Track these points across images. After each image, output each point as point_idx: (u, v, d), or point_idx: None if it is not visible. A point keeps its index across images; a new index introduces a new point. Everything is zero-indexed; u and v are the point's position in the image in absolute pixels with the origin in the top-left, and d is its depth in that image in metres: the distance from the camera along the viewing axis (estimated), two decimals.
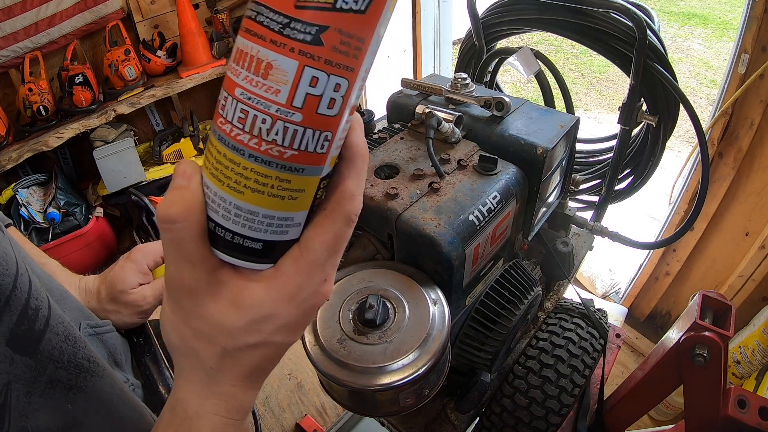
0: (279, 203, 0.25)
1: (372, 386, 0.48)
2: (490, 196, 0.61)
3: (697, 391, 0.78)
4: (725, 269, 1.52)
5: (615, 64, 0.93)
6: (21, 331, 0.33)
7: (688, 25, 4.79)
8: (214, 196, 0.26)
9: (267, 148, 0.24)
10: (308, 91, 0.23)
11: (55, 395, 0.35)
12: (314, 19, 0.22)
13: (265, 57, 0.23)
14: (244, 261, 0.27)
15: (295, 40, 0.22)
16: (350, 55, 0.23)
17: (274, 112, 0.23)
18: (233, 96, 0.24)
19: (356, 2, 0.22)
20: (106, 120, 2.07)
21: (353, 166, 0.27)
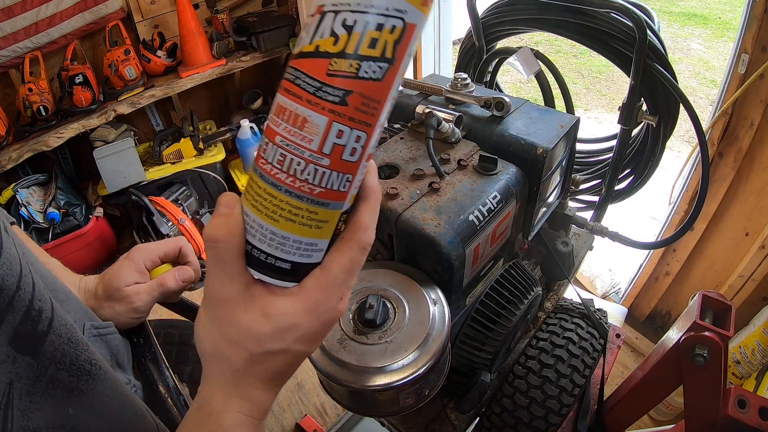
0: (307, 231, 0.31)
1: (372, 386, 0.48)
2: (490, 196, 0.61)
3: (697, 391, 0.78)
4: (725, 269, 1.52)
5: (615, 64, 0.93)
6: (24, 331, 0.34)
7: (688, 25, 4.79)
8: (253, 222, 0.31)
9: (300, 185, 0.30)
10: (335, 141, 0.29)
11: (56, 396, 0.36)
12: (341, 85, 0.28)
13: (302, 113, 0.29)
14: (273, 278, 0.32)
15: (326, 100, 0.28)
16: (369, 114, 0.29)
17: (307, 156, 0.29)
18: (274, 142, 0.30)
19: (374, 72, 0.28)
20: (106, 120, 2.07)
21: (368, 203, 0.33)
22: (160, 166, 2.31)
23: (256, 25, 2.35)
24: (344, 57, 0.28)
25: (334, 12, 0.28)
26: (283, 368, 0.34)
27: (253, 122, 2.46)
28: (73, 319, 0.49)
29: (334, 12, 0.28)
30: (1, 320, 0.32)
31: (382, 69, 0.29)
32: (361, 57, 0.28)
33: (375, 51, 0.28)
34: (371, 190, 0.33)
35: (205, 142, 2.40)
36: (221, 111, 2.83)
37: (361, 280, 0.58)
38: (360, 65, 0.28)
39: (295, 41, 2.45)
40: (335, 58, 0.28)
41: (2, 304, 0.33)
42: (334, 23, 0.28)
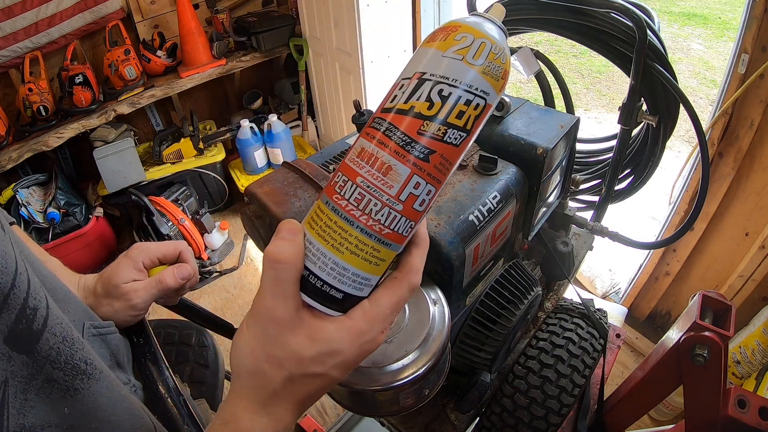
0: (366, 266, 0.34)
1: (372, 386, 0.48)
2: (490, 196, 0.61)
3: (697, 391, 0.78)
4: (725, 269, 1.51)
5: (615, 64, 0.93)
6: (19, 329, 0.33)
7: (688, 25, 4.79)
8: (316, 251, 0.34)
9: (372, 224, 0.33)
10: (412, 191, 0.33)
11: (52, 395, 0.36)
12: (428, 144, 0.32)
13: (388, 161, 0.32)
14: (324, 306, 0.34)
15: (412, 155, 0.32)
16: (442, 172, 0.33)
17: (385, 200, 0.32)
18: (354, 182, 0.33)
19: (455, 139, 0.33)
20: (106, 120, 2.07)
21: (420, 249, 0.36)
22: (160, 166, 2.31)
23: (256, 25, 2.35)
24: (435, 121, 0.32)
25: (431, 81, 0.33)
26: (315, 392, 0.35)
27: (253, 122, 2.47)
28: (72, 318, 0.49)
29: (431, 81, 0.33)
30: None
31: (462, 137, 0.33)
32: (449, 124, 0.33)
33: (460, 121, 0.33)
34: (423, 237, 0.37)
35: (205, 142, 2.40)
36: (221, 111, 2.83)
37: None
38: (447, 131, 0.33)
39: (295, 41, 2.46)
40: (428, 121, 0.32)
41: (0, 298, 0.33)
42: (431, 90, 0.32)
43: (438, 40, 0.34)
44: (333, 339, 0.33)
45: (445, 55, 0.33)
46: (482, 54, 0.33)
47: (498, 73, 0.34)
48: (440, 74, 0.32)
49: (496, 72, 0.33)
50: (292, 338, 0.33)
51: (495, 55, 0.33)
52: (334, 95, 2.51)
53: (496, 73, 0.33)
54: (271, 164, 2.57)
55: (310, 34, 2.42)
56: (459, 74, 0.32)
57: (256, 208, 0.70)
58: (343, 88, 2.40)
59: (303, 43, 2.45)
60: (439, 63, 0.33)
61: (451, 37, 0.33)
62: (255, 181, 0.71)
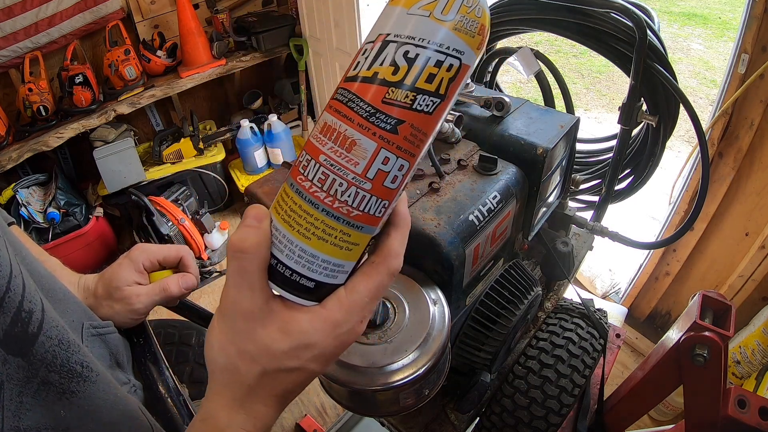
0: (337, 252, 0.31)
1: (372, 386, 0.48)
2: (490, 196, 0.61)
3: (697, 391, 0.78)
4: (725, 269, 1.51)
5: (615, 64, 0.93)
6: (14, 333, 0.33)
7: (688, 25, 4.79)
8: (282, 237, 0.31)
9: (339, 206, 0.30)
10: (380, 167, 0.29)
11: (48, 398, 0.36)
12: (395, 114, 0.29)
13: (351, 135, 0.29)
14: (294, 296, 0.32)
15: (378, 127, 0.29)
16: (415, 144, 0.30)
17: (351, 179, 0.29)
18: (317, 160, 0.30)
19: (427, 106, 0.29)
20: (106, 120, 2.07)
21: (400, 230, 0.33)
22: (160, 166, 2.31)
23: (256, 25, 2.35)
24: (402, 87, 0.29)
25: (396, 43, 0.29)
26: (294, 386, 0.34)
27: (253, 122, 2.47)
28: (71, 319, 0.49)
29: (396, 43, 0.29)
30: None
31: (435, 104, 0.30)
32: (418, 90, 0.29)
33: (431, 86, 0.29)
34: (403, 217, 0.34)
35: (205, 142, 2.40)
36: (221, 111, 2.83)
37: None
38: (416, 97, 0.29)
39: (295, 41, 2.46)
40: (393, 87, 0.29)
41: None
42: (396, 53, 0.29)
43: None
44: (306, 331, 0.31)
45: (410, 12, 0.29)
46: (452, 8, 0.29)
47: (473, 28, 0.29)
48: (405, 34, 0.29)
49: (470, 27, 0.29)
50: (262, 332, 0.31)
51: (468, 8, 0.29)
52: None
53: (471, 28, 0.29)
54: (271, 164, 2.57)
55: (310, 34, 2.42)
56: (426, 32, 0.29)
57: None
58: None
59: (303, 43, 2.45)
60: (405, 22, 0.29)
61: None
62: (255, 181, 0.71)
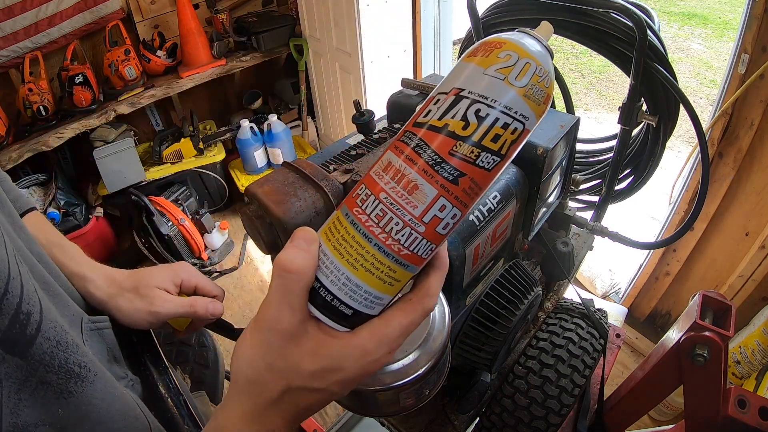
0: (380, 285, 0.32)
1: (372, 386, 0.48)
2: (490, 196, 0.61)
3: (697, 391, 0.78)
4: (725, 269, 1.51)
5: (615, 64, 0.93)
6: (13, 333, 0.34)
7: (688, 25, 4.79)
8: (330, 264, 0.32)
9: (391, 243, 0.31)
10: (436, 213, 0.31)
11: (46, 397, 0.36)
12: (459, 166, 0.30)
13: (415, 179, 0.30)
14: (330, 320, 0.33)
15: (441, 176, 0.30)
16: (470, 196, 0.32)
17: (407, 220, 0.31)
18: (377, 197, 0.31)
19: (488, 163, 0.31)
20: (106, 120, 2.07)
21: (439, 272, 0.35)
22: (160, 166, 2.31)
23: (256, 25, 2.35)
24: (469, 143, 0.30)
25: (469, 99, 0.30)
26: (312, 406, 0.34)
27: (253, 122, 2.47)
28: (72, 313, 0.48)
29: (469, 99, 0.30)
30: None
31: (495, 162, 0.31)
32: (483, 147, 0.30)
33: (495, 145, 0.31)
34: (443, 261, 0.35)
35: (205, 142, 2.40)
36: (221, 111, 2.83)
37: None
38: (480, 154, 0.31)
39: (295, 41, 2.46)
40: (461, 141, 0.30)
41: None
42: (468, 109, 0.30)
43: (480, 55, 0.32)
44: (337, 356, 0.32)
45: (486, 73, 0.31)
46: (526, 75, 0.30)
47: (540, 98, 0.31)
48: (479, 92, 0.30)
49: (538, 96, 0.31)
50: (294, 350, 0.32)
51: (539, 78, 0.31)
52: (334, 95, 2.51)
53: (539, 96, 0.31)
54: (271, 164, 2.57)
55: (310, 34, 2.42)
56: (499, 94, 0.30)
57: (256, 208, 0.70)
58: (343, 88, 2.40)
59: (303, 43, 2.45)
60: (479, 80, 0.31)
61: (494, 53, 0.31)
62: (255, 181, 0.71)
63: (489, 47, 0.32)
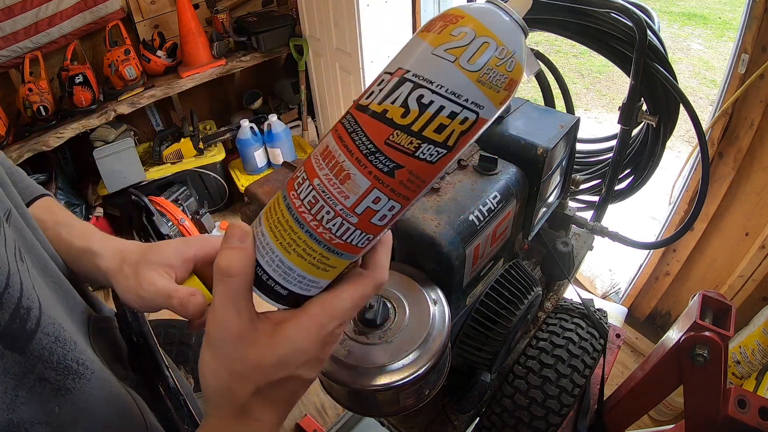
0: (314, 270, 0.31)
1: (372, 386, 0.48)
2: (490, 196, 0.61)
3: (697, 391, 0.78)
4: (725, 269, 1.51)
5: (615, 64, 0.93)
6: (13, 328, 0.34)
7: (688, 25, 4.79)
8: (266, 245, 0.31)
9: (322, 231, 0.30)
10: (369, 205, 0.29)
11: (43, 394, 0.36)
12: (395, 158, 0.28)
13: (348, 168, 0.28)
14: (269, 299, 0.33)
15: (375, 167, 0.28)
16: (410, 189, 0.29)
17: (339, 210, 0.29)
18: (311, 182, 0.30)
19: (431, 156, 0.28)
20: (106, 120, 2.07)
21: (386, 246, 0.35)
22: (160, 166, 2.31)
23: (256, 25, 2.35)
24: (407, 132, 0.27)
25: (413, 83, 0.27)
26: (288, 397, 0.35)
27: (253, 122, 2.47)
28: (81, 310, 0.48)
29: (413, 83, 0.27)
30: None
31: (440, 154, 0.28)
32: (424, 138, 0.27)
33: (439, 136, 0.27)
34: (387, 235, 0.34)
35: (205, 142, 2.40)
36: (221, 111, 2.83)
37: None
38: (420, 145, 0.27)
39: (295, 41, 2.45)
40: (398, 131, 0.27)
41: None
42: (410, 95, 0.27)
43: (433, 30, 0.27)
44: (292, 338, 0.32)
45: (435, 53, 0.27)
46: (481, 57, 0.26)
47: (500, 83, 0.27)
48: (424, 75, 0.27)
49: (496, 81, 0.27)
50: (250, 351, 0.32)
51: (499, 60, 0.27)
52: (334, 95, 2.51)
53: (497, 82, 0.27)
54: (271, 164, 2.57)
55: (310, 34, 2.42)
56: (447, 79, 0.26)
57: (256, 208, 0.70)
58: (343, 88, 2.40)
59: (303, 43, 2.45)
60: (427, 61, 0.27)
61: (448, 29, 0.27)
62: (255, 181, 0.71)
63: (445, 21, 0.27)
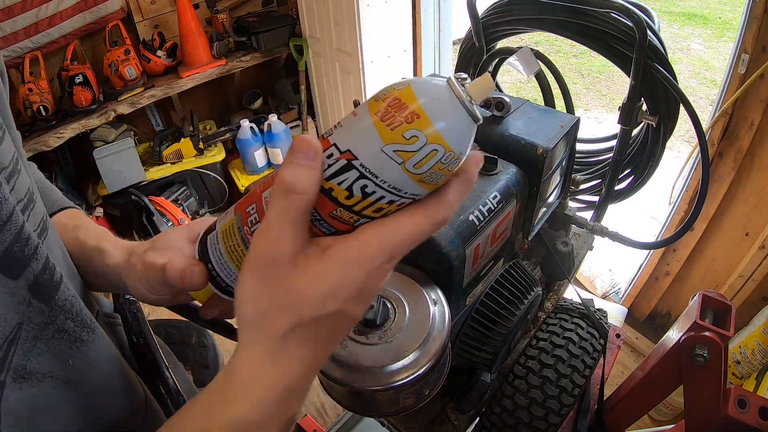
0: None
1: (372, 386, 0.48)
2: (491, 196, 0.61)
3: (697, 391, 0.78)
4: (725, 269, 1.52)
5: (615, 64, 0.93)
6: (43, 279, 0.35)
7: (688, 25, 4.79)
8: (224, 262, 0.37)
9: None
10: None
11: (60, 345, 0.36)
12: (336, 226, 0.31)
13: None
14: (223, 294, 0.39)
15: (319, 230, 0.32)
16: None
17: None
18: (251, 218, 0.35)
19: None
20: (106, 120, 2.06)
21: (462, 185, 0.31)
22: (160, 166, 2.31)
23: (256, 25, 2.35)
24: (349, 210, 0.30)
25: (359, 172, 0.28)
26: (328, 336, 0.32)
27: (253, 122, 2.46)
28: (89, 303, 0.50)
29: (359, 172, 0.28)
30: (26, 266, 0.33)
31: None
32: (364, 216, 0.30)
33: (377, 214, 0.30)
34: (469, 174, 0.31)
35: (205, 142, 2.40)
36: (221, 111, 2.83)
37: None
38: (359, 219, 0.30)
39: (295, 41, 2.45)
40: (341, 208, 0.30)
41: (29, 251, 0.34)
42: (354, 183, 0.28)
43: (386, 118, 0.27)
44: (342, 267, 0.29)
45: (383, 150, 0.27)
46: (427, 163, 0.28)
47: (439, 180, 0.29)
48: (371, 169, 0.28)
49: (436, 179, 0.29)
50: (299, 278, 0.29)
51: (443, 164, 0.28)
52: (334, 95, 2.50)
53: (437, 180, 0.29)
54: (271, 164, 2.57)
55: (310, 34, 2.42)
56: (391, 177, 0.28)
57: None
58: (343, 88, 2.40)
59: (303, 43, 2.45)
60: (375, 156, 0.28)
61: (400, 129, 0.27)
62: (255, 181, 0.71)
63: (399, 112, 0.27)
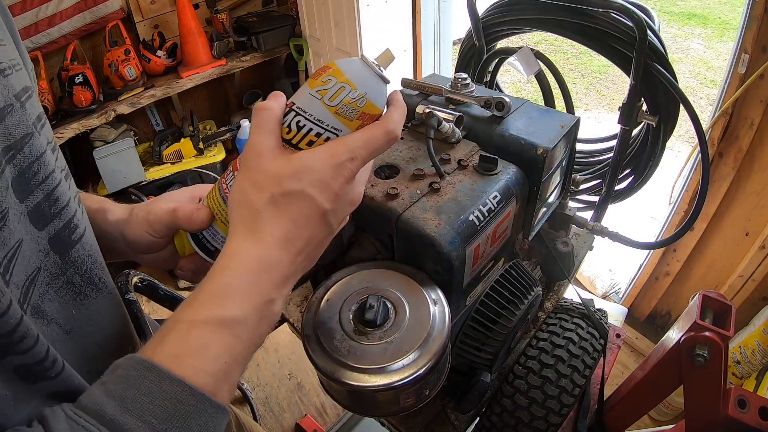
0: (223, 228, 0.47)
1: (372, 386, 0.48)
2: (491, 196, 0.61)
3: (697, 391, 0.78)
4: (725, 269, 1.52)
5: (615, 64, 0.93)
6: (63, 235, 0.39)
7: (688, 25, 4.79)
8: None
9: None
10: None
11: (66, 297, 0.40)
12: None
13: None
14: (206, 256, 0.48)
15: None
16: None
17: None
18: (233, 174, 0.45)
19: None
20: (106, 120, 2.06)
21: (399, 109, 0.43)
22: (160, 166, 2.31)
23: (256, 25, 2.35)
24: (290, 145, 0.40)
25: (295, 112, 0.40)
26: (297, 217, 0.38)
27: None
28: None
29: (295, 112, 0.40)
30: (51, 220, 0.38)
31: None
32: (299, 149, 0.40)
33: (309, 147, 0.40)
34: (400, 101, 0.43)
35: (205, 142, 2.40)
36: (221, 111, 2.83)
37: (361, 281, 0.58)
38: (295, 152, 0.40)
39: (295, 41, 2.45)
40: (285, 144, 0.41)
41: (56, 209, 0.39)
42: (292, 120, 0.40)
43: (312, 77, 0.40)
44: (306, 158, 0.38)
45: (310, 92, 0.40)
46: (338, 97, 0.39)
47: (353, 115, 0.40)
48: (301, 107, 0.40)
49: (350, 113, 0.39)
50: (271, 163, 0.38)
51: (351, 99, 0.39)
52: None
53: (350, 114, 0.40)
54: None
55: (310, 34, 2.42)
56: (314, 110, 0.39)
57: None
58: None
59: (303, 43, 2.45)
60: (305, 98, 0.40)
61: (320, 77, 0.40)
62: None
63: (320, 70, 0.40)
